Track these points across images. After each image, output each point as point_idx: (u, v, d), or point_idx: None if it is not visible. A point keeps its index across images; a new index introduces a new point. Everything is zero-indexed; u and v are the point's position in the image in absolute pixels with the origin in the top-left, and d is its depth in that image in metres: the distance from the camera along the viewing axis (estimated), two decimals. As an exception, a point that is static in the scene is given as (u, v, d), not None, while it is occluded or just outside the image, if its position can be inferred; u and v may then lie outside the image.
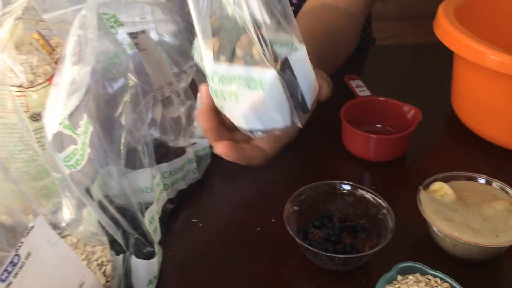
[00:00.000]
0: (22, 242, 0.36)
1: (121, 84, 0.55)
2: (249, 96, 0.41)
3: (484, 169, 0.55)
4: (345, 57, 0.71)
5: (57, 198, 0.45)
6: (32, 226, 0.37)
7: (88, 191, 0.47)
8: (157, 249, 0.50)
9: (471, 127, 0.66)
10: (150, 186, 0.53)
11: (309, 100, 0.43)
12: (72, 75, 0.40)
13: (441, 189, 0.50)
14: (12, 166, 0.39)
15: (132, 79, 0.54)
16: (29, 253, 0.36)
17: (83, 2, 0.53)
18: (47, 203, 0.43)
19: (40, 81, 0.48)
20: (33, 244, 0.37)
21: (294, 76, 0.41)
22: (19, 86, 0.46)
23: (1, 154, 0.37)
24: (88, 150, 0.43)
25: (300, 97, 0.42)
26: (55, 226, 0.43)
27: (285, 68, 0.41)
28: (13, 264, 0.35)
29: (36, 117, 0.48)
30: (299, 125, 0.43)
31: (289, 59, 0.41)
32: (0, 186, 0.36)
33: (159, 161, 0.56)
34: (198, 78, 0.64)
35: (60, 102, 0.39)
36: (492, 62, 0.56)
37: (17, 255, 0.35)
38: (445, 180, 0.51)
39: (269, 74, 0.40)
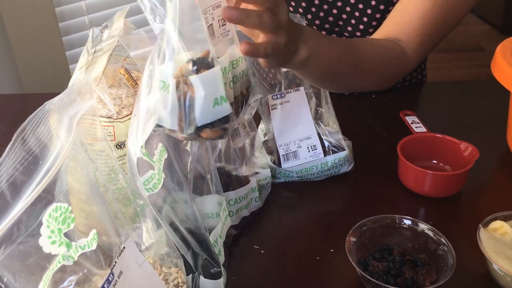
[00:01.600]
0: (115, 262, 0.40)
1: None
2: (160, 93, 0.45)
3: (542, 210, 0.56)
4: (381, 76, 0.74)
5: (137, 224, 0.49)
6: (124, 247, 0.41)
7: (159, 214, 0.51)
8: (223, 270, 0.53)
9: (527, 166, 0.67)
10: (216, 212, 0.57)
11: (201, 117, 0.45)
12: (148, 104, 0.45)
13: (501, 227, 0.51)
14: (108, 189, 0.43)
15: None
16: (121, 272, 0.40)
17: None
18: (129, 227, 0.47)
19: (126, 112, 0.52)
20: (124, 264, 0.40)
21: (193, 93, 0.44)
22: (109, 117, 0.50)
23: (101, 179, 0.41)
24: (163, 175, 0.47)
25: (190, 112, 0.44)
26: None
27: (186, 82, 0.44)
28: (108, 281, 0.38)
29: (120, 145, 0.52)
30: (183, 134, 0.46)
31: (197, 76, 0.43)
32: (99, 209, 0.39)
33: (223, 189, 0.60)
34: (261, 111, 0.68)
35: (140, 130, 0.43)
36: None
37: (112, 273, 0.39)
38: (505, 219, 0.52)
39: (171, 82, 0.44)
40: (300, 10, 0.84)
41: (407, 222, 0.54)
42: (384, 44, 0.72)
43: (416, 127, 0.71)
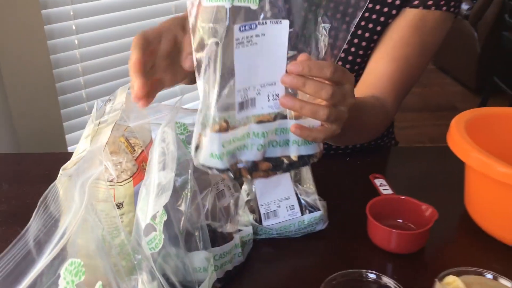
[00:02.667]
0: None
1: (183, 180, 0.66)
2: None
3: (494, 266, 0.63)
4: (371, 128, 0.84)
5: (134, 276, 0.55)
6: (123, 298, 0.47)
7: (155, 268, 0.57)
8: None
9: (482, 227, 0.75)
10: (204, 266, 0.63)
11: None
12: (159, 179, 0.52)
13: (454, 282, 0.58)
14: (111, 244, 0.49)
15: (192, 177, 0.65)
16: (120, 319, 0.46)
17: (159, 112, 0.66)
18: (128, 279, 0.53)
19: (125, 176, 0.60)
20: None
21: None
22: (110, 181, 0.58)
23: (106, 237, 0.48)
24: (163, 236, 0.54)
25: None
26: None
27: None
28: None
29: (119, 205, 0.59)
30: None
31: None
32: (103, 264, 0.46)
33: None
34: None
35: (151, 201, 0.51)
36: (496, 173, 0.66)
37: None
38: (458, 274, 0.59)
39: None
40: None
41: (372, 276, 0.61)
42: (371, 101, 0.82)
43: (384, 189, 0.79)
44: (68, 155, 0.60)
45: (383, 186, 0.80)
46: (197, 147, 0.56)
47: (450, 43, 3.43)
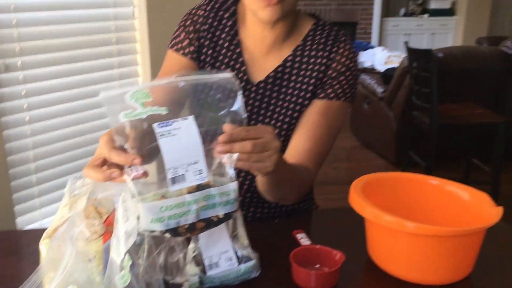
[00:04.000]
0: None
1: (140, 238, 0.82)
2: None
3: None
4: (300, 184, 1.05)
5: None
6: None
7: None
8: None
9: (381, 266, 0.95)
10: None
11: None
12: (125, 228, 0.69)
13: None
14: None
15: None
16: None
17: (119, 186, 0.84)
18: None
19: (96, 236, 0.75)
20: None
21: None
22: (86, 239, 0.73)
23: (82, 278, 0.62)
24: (130, 275, 0.69)
25: None
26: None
27: None
28: None
29: (91, 259, 0.74)
30: None
31: None
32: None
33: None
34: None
35: (121, 245, 0.67)
36: (384, 221, 0.87)
37: None
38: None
39: None
40: None
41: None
42: (298, 166, 1.04)
43: (303, 241, 0.98)
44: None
45: (303, 239, 0.99)
46: (138, 217, 0.74)
47: (372, 121, 3.84)
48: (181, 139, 0.74)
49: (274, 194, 1.02)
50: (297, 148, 1.08)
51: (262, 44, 1.09)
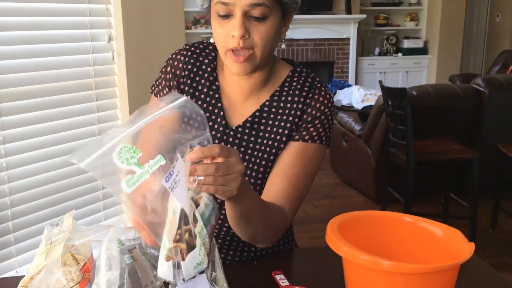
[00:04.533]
0: None
1: (120, 283, 0.82)
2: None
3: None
4: (274, 224, 1.05)
5: None
6: None
7: None
8: None
9: (360, 305, 0.95)
10: None
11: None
12: (107, 276, 0.69)
13: None
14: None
15: (128, 279, 0.82)
16: None
17: (98, 232, 0.84)
18: None
19: (72, 284, 0.75)
20: None
21: None
22: (63, 286, 0.73)
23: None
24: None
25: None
26: None
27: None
28: None
29: (68, 307, 0.74)
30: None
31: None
32: None
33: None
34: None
35: None
36: (360, 260, 0.89)
37: None
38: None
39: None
40: None
41: None
42: (273, 206, 1.04)
43: (282, 282, 0.99)
44: None
45: (282, 280, 1.00)
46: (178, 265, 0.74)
47: (351, 159, 3.90)
48: (183, 180, 0.74)
49: (244, 228, 1.01)
50: (272, 188, 1.10)
51: (239, 91, 1.12)
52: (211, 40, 1.11)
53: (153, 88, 1.17)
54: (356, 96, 6.03)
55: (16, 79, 1.83)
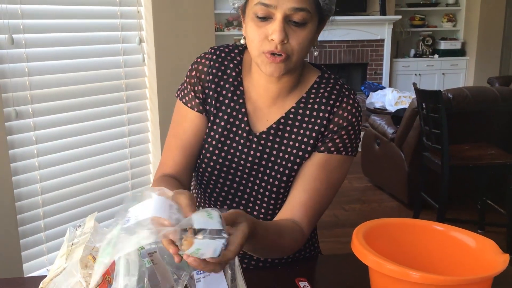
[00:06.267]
0: None
1: (140, 287, 0.82)
2: None
3: None
4: (289, 248, 1.03)
5: None
6: None
7: None
8: None
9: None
10: None
11: None
12: (124, 282, 0.68)
13: None
14: None
15: (148, 283, 0.81)
16: None
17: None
18: None
19: (93, 285, 0.75)
20: None
21: None
22: (81, 289, 0.73)
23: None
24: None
25: None
26: None
27: None
28: None
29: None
30: None
31: None
32: None
33: None
34: (189, 284, 0.91)
35: None
36: (387, 270, 0.85)
37: None
38: None
39: None
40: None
41: None
42: (288, 225, 1.02)
43: (306, 290, 0.96)
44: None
45: (305, 287, 0.97)
46: None
47: (383, 162, 3.82)
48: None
49: (258, 255, 1.02)
50: (293, 201, 1.07)
51: (266, 95, 1.10)
52: (242, 41, 1.08)
53: (178, 92, 1.16)
54: (390, 98, 5.92)
55: (49, 81, 1.87)
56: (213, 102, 1.11)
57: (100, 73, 2.04)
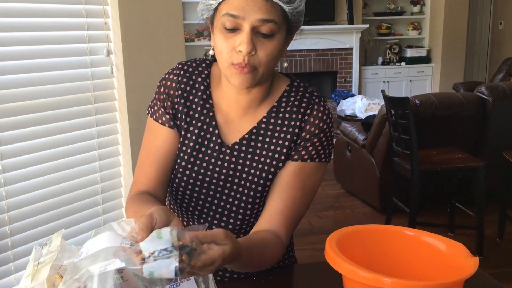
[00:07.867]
0: None
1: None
2: None
3: None
4: (269, 262, 1.04)
5: None
6: None
7: None
8: None
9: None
10: None
11: None
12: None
13: None
14: None
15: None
16: None
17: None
18: None
19: (60, 306, 0.72)
20: None
21: None
22: (49, 311, 0.70)
23: None
24: None
25: None
26: None
27: None
28: None
29: (55, 332, 0.71)
30: None
31: None
32: None
33: None
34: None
35: None
36: (360, 277, 0.86)
37: None
38: None
39: None
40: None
41: None
42: (270, 239, 1.02)
43: (281, 301, 0.95)
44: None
45: (280, 298, 0.96)
46: None
47: (355, 169, 3.86)
48: None
49: (241, 271, 1.02)
50: (270, 211, 1.07)
51: (237, 107, 1.09)
52: (211, 52, 1.08)
53: (149, 109, 1.14)
54: (360, 105, 6.00)
55: (14, 94, 1.82)
56: (183, 117, 1.10)
57: (67, 86, 2.00)
